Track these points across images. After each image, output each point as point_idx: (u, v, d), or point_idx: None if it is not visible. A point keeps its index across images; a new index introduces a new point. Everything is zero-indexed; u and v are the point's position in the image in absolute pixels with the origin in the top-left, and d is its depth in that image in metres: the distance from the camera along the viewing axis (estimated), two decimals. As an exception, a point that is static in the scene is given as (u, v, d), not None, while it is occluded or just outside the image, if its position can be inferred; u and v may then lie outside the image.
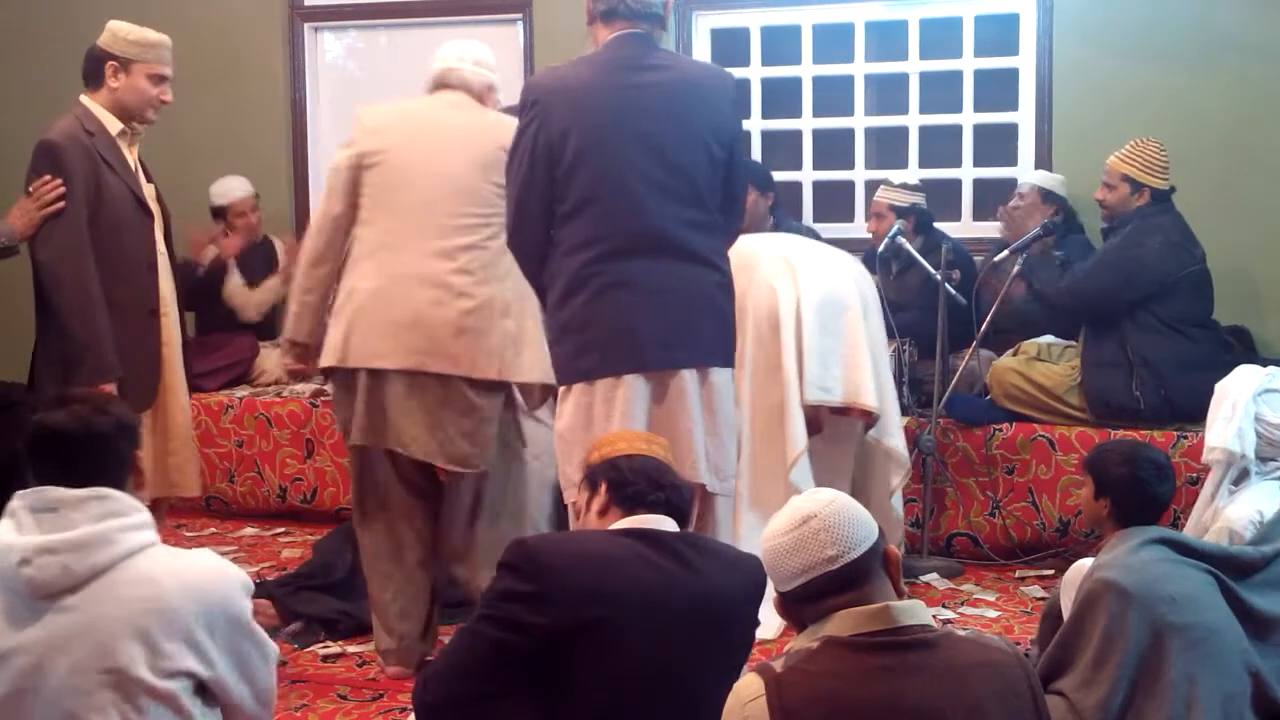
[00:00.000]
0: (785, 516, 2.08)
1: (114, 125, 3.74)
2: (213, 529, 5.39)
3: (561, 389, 3.16)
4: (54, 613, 2.00)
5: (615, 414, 3.01)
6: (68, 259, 3.62)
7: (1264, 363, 5.00)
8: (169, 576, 2.05)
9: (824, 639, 1.98)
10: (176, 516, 5.23)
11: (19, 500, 2.07)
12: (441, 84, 3.65)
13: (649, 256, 3.06)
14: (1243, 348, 5.05)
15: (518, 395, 3.65)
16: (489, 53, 3.75)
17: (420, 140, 3.54)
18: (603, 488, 2.52)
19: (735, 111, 3.25)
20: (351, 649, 3.97)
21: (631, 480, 2.47)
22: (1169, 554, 2.80)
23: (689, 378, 3.09)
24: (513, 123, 3.31)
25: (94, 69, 3.74)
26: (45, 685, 1.98)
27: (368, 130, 3.59)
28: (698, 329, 3.10)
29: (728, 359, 3.19)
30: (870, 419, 4.14)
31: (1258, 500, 3.16)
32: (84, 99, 3.76)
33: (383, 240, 3.49)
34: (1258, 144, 5.27)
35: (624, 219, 3.06)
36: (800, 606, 2.05)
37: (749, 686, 1.97)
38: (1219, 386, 3.37)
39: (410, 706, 3.16)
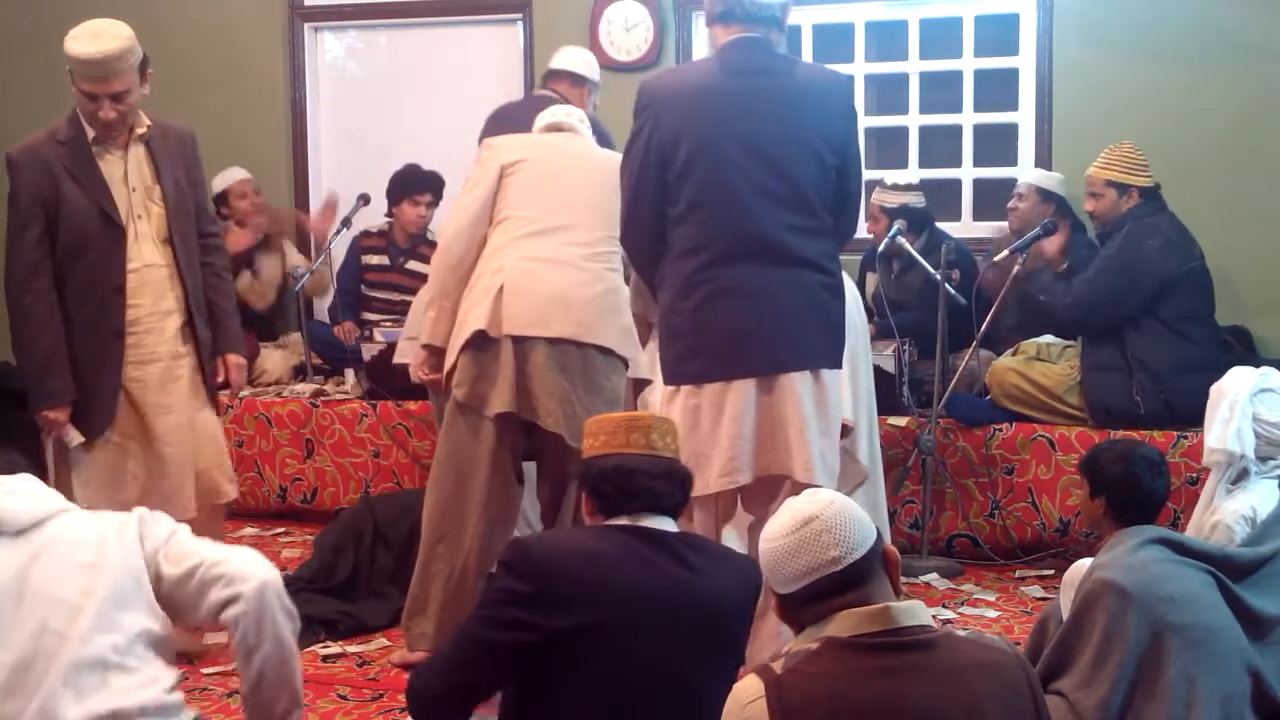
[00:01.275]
0: (786, 518, 2.08)
1: (91, 133, 3.60)
2: (213, 529, 5.39)
3: (668, 389, 3.20)
4: (22, 541, 2.16)
5: (724, 418, 3.07)
6: (9, 281, 3.56)
7: (1263, 363, 5.02)
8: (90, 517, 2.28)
9: (824, 640, 1.98)
10: (176, 516, 5.23)
11: None
12: (555, 128, 3.95)
13: (756, 262, 3.11)
14: (1243, 348, 5.05)
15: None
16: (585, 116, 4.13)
17: (557, 154, 3.84)
18: (584, 494, 2.53)
19: (849, 116, 3.28)
20: (351, 649, 3.97)
21: (602, 491, 2.46)
22: (1168, 554, 2.80)
23: (800, 379, 3.12)
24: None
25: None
26: (29, 591, 2.13)
27: (504, 148, 3.83)
28: (805, 332, 3.15)
29: (835, 361, 3.23)
30: (846, 432, 4.11)
31: (1252, 497, 3.17)
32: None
33: (526, 230, 3.67)
34: (1258, 144, 5.27)
35: (730, 224, 3.11)
36: (801, 608, 2.05)
37: (749, 688, 1.97)
38: (1214, 388, 3.38)
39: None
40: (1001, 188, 5.57)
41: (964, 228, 5.66)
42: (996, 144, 5.68)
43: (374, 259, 5.71)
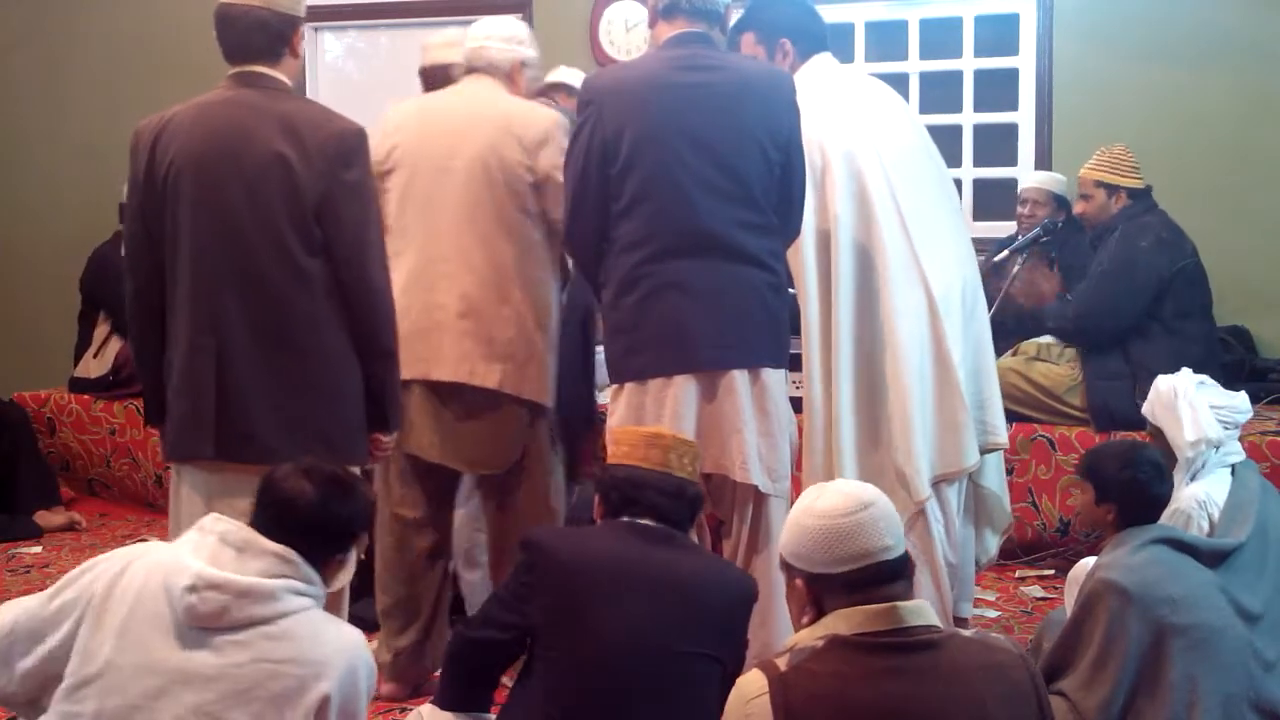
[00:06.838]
0: (842, 498, 2.07)
1: None
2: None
3: (613, 388, 3.16)
4: (197, 648, 2.00)
5: (665, 414, 3.03)
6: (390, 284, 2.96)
7: (1262, 364, 5.03)
8: (310, 644, 2.05)
9: (829, 637, 1.98)
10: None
11: (214, 522, 2.08)
12: (468, 68, 3.53)
13: (700, 257, 3.07)
14: (1242, 348, 5.05)
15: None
16: (521, 28, 3.60)
17: (430, 140, 3.42)
18: (597, 497, 2.68)
19: (793, 113, 3.21)
20: (352, 649, 3.95)
21: (610, 497, 2.62)
22: (1170, 554, 2.80)
23: (739, 378, 3.09)
24: (534, 108, 3.42)
25: (279, 41, 2.92)
26: (161, 711, 1.97)
27: (385, 132, 3.47)
28: (748, 330, 3.10)
29: (779, 359, 3.18)
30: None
31: (1205, 484, 3.20)
32: (281, 75, 2.93)
33: (396, 248, 3.34)
34: (1257, 144, 5.27)
35: (675, 219, 3.07)
36: (839, 593, 2.03)
37: (752, 683, 1.97)
38: (1155, 395, 3.39)
39: (408, 709, 3.20)
40: (1001, 188, 5.57)
41: (964, 228, 5.65)
42: (996, 144, 5.67)
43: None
